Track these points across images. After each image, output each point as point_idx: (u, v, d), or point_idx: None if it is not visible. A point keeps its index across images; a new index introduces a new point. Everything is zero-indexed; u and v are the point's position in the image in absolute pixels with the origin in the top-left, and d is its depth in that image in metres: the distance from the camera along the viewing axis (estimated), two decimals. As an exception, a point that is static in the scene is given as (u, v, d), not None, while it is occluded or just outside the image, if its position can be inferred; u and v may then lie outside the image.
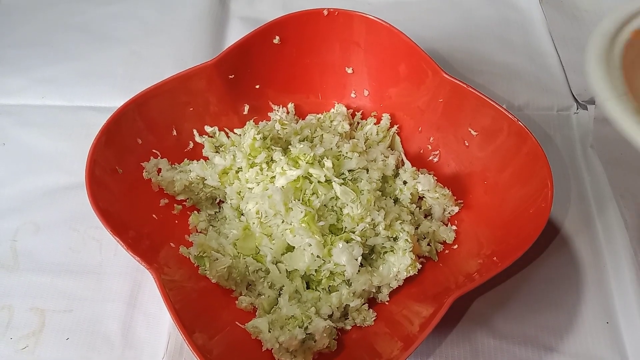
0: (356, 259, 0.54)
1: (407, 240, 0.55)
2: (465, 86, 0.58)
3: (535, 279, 0.60)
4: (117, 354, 0.56)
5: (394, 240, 0.56)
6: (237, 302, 0.56)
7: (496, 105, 0.56)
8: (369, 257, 0.57)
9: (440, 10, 0.86)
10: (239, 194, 0.60)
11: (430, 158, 0.65)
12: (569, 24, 0.83)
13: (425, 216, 0.62)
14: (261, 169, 0.58)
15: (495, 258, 0.51)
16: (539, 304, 0.59)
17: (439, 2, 0.87)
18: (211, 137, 0.65)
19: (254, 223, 0.57)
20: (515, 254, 0.49)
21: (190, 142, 0.64)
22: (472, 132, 0.60)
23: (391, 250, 0.56)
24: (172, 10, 0.85)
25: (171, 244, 0.57)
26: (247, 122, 0.64)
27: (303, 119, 0.68)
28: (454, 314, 0.57)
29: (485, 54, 0.80)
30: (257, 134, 0.59)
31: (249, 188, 0.59)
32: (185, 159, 0.63)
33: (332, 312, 0.54)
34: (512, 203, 0.55)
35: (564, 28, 0.82)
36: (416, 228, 0.59)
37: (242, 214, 0.60)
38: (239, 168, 0.60)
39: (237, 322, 0.53)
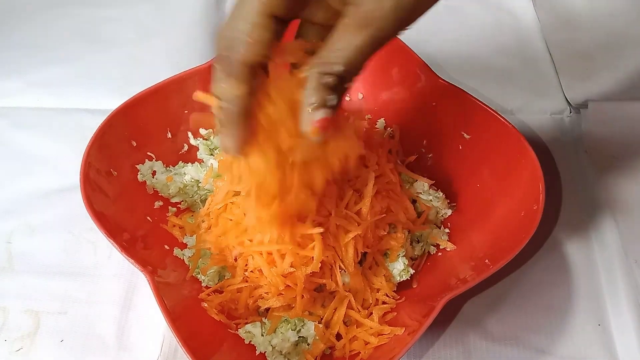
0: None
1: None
2: (458, 90, 0.58)
3: (528, 282, 0.61)
4: (111, 356, 0.56)
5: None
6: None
7: (489, 109, 0.57)
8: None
9: (434, 14, 0.85)
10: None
11: (424, 161, 0.65)
12: (563, 28, 0.83)
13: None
14: None
15: (487, 260, 0.51)
16: (531, 306, 0.59)
17: (434, 6, 0.87)
18: (206, 139, 0.65)
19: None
20: (507, 257, 0.49)
21: (185, 144, 0.64)
22: (465, 135, 0.60)
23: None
24: (168, 13, 0.85)
25: (165, 246, 0.58)
26: None
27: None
28: (446, 315, 0.58)
29: (479, 57, 0.80)
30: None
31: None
32: (180, 162, 0.64)
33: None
34: (504, 206, 0.56)
35: (558, 32, 0.83)
36: (409, 231, 0.59)
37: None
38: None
39: (229, 330, 0.53)
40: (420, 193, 0.60)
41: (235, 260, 0.54)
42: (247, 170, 0.42)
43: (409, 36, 0.63)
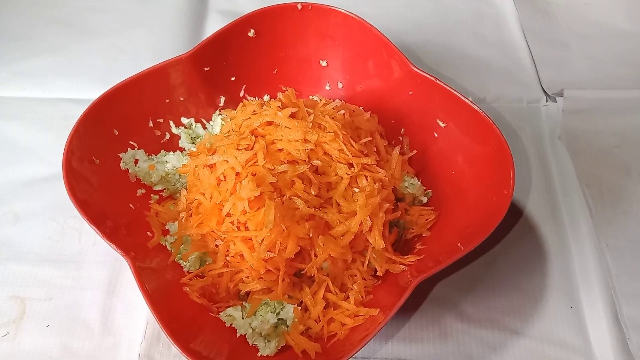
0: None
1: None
2: (433, 79, 0.59)
3: (502, 265, 0.62)
4: (96, 340, 0.57)
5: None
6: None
7: (462, 98, 0.58)
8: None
9: (414, 4, 0.87)
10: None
11: (401, 148, 0.66)
12: (541, 19, 0.85)
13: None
14: None
15: (459, 244, 0.52)
16: (506, 288, 0.61)
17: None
18: (187, 128, 0.66)
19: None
20: (477, 240, 0.50)
21: (167, 133, 0.65)
22: (441, 123, 0.62)
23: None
24: (151, 3, 0.86)
25: (148, 232, 0.59)
26: (213, 113, 0.65)
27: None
28: (420, 297, 0.59)
29: (458, 47, 0.82)
30: (223, 120, 0.60)
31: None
32: (162, 150, 0.65)
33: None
34: (477, 191, 0.57)
35: (536, 22, 0.84)
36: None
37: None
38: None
39: (210, 313, 0.55)
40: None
41: (217, 246, 0.56)
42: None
43: (390, 27, 0.66)
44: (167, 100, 0.63)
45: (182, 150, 0.65)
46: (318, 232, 0.53)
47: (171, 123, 0.65)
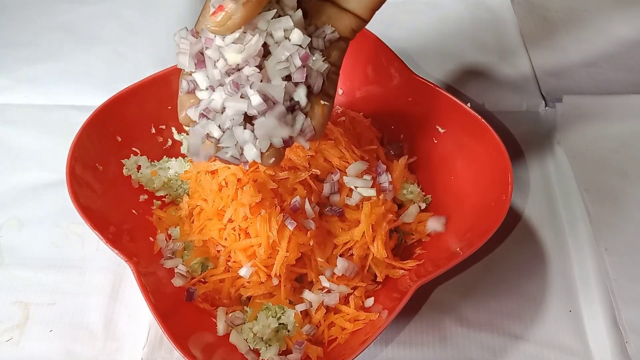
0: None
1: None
2: (432, 85, 0.60)
3: (502, 269, 0.63)
4: (99, 345, 0.57)
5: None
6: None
7: (461, 104, 0.58)
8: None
9: (413, 10, 0.88)
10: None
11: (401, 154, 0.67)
12: (540, 25, 0.86)
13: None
14: None
15: (458, 249, 0.53)
16: (505, 292, 0.61)
17: (413, 2, 0.89)
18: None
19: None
20: (476, 245, 0.51)
21: (169, 139, 0.66)
22: (440, 129, 0.62)
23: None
24: (153, 10, 0.87)
25: (150, 238, 0.59)
26: None
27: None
28: (419, 301, 0.60)
29: (457, 53, 0.82)
30: None
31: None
32: (164, 156, 0.65)
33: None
34: (476, 196, 0.58)
35: (535, 28, 0.85)
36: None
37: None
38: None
39: (212, 318, 0.55)
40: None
41: (218, 252, 0.56)
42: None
43: (388, 34, 0.66)
44: (169, 107, 0.64)
45: (184, 156, 0.66)
46: (319, 240, 0.54)
47: (173, 129, 0.66)
